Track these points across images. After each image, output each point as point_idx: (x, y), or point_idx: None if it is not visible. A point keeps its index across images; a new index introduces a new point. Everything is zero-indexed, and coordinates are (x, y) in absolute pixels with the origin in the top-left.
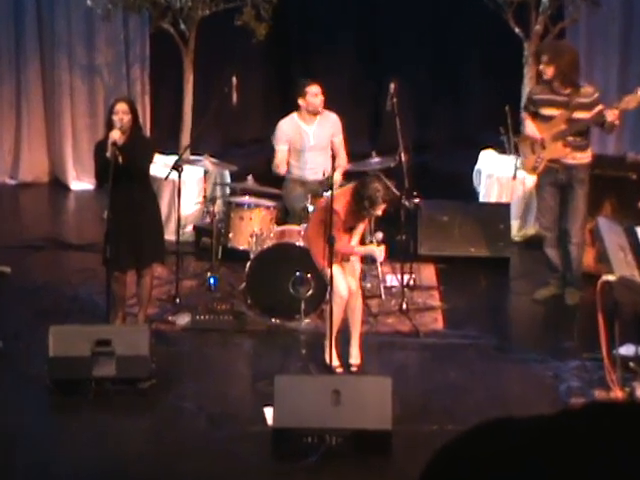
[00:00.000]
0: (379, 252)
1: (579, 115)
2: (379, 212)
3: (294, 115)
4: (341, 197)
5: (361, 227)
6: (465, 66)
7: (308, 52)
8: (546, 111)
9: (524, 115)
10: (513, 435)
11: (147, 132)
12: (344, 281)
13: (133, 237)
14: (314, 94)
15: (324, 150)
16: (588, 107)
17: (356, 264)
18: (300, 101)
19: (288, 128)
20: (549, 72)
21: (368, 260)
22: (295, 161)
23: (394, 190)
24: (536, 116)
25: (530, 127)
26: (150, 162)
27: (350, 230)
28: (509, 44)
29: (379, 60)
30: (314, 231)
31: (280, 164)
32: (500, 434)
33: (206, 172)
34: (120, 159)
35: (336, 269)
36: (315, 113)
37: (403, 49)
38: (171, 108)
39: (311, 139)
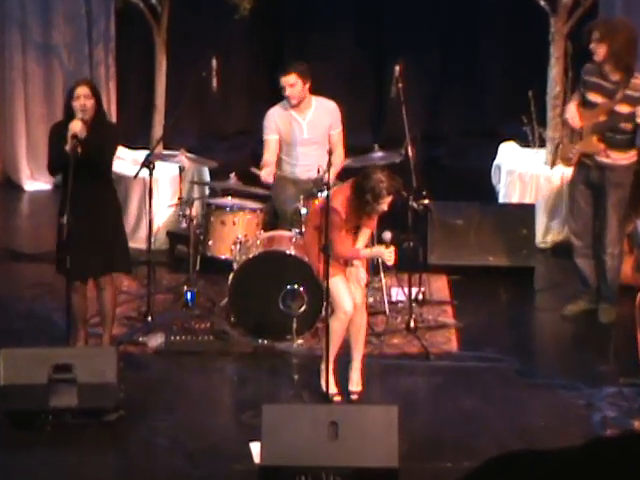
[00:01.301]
0: (388, 254)
1: (622, 109)
2: (384, 206)
3: (286, 103)
4: (340, 194)
5: (367, 228)
6: (481, 46)
7: (301, 30)
8: (591, 96)
9: (573, 95)
10: (532, 471)
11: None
12: (348, 294)
13: (92, 243)
14: (283, 87)
15: (319, 144)
16: (635, 102)
17: (362, 272)
18: (284, 91)
19: (278, 117)
20: (600, 52)
21: (376, 265)
22: (286, 156)
23: (399, 181)
24: (583, 100)
25: (571, 111)
26: (113, 154)
27: (354, 231)
28: (533, 20)
29: (383, 40)
30: (311, 238)
31: (269, 160)
32: (517, 470)
33: (182, 169)
34: (79, 150)
35: (339, 280)
36: (298, 104)
37: (410, 27)
38: (141, 95)
39: (304, 131)
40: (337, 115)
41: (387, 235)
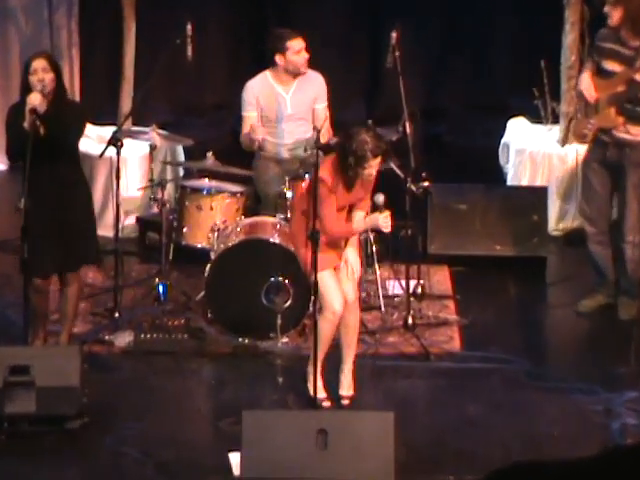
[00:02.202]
0: (383, 220)
1: None
2: (371, 171)
3: (267, 74)
4: (326, 161)
5: (360, 210)
6: (488, 10)
7: None
8: (608, 65)
9: (586, 64)
10: None
11: (75, 96)
12: (338, 290)
13: (57, 232)
14: (297, 50)
15: (305, 120)
16: None
17: (355, 263)
18: (278, 58)
19: (259, 90)
20: (615, 16)
21: (369, 255)
22: (268, 134)
23: (386, 142)
24: (598, 69)
25: (585, 82)
26: (80, 134)
27: (346, 207)
28: None
29: (377, 3)
30: (297, 224)
31: (251, 133)
32: None
33: (153, 148)
34: (41, 130)
35: (328, 275)
36: (296, 74)
37: None
38: (107, 65)
39: (288, 106)
40: (322, 88)
41: (380, 198)
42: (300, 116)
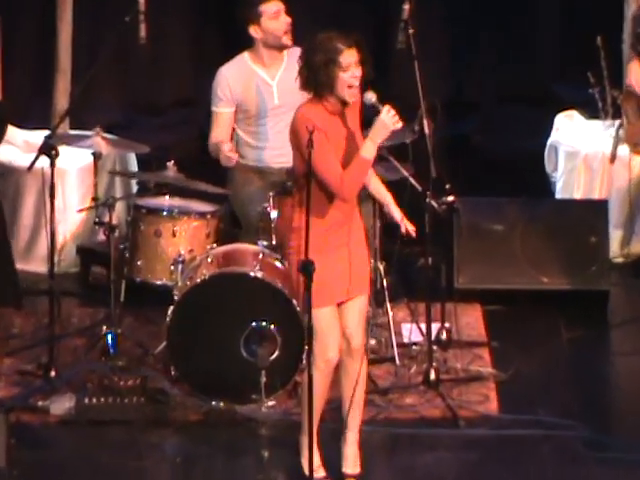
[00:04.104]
0: (387, 117)
1: None
2: (353, 71)
3: (245, 56)
4: (303, 106)
5: (358, 136)
6: None
7: None
8: None
9: (630, 56)
10: None
11: None
12: (336, 331)
13: None
14: (273, 14)
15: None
16: None
17: (363, 299)
18: (253, 30)
19: (236, 77)
20: None
21: (379, 290)
22: (247, 135)
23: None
24: None
25: (636, 73)
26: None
27: (346, 152)
28: None
29: None
30: (290, 249)
31: (220, 138)
32: None
33: (97, 157)
34: None
35: (326, 311)
36: (280, 48)
37: None
38: (36, 53)
39: (275, 95)
40: None
41: (370, 96)
42: (289, 108)
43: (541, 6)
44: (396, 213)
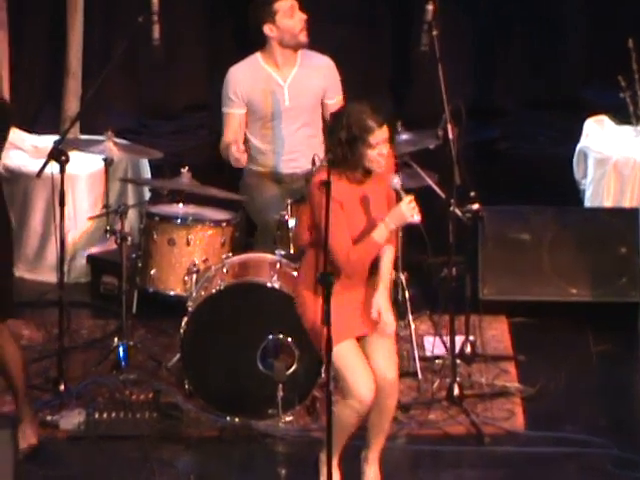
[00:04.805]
0: (407, 207)
1: None
2: (380, 149)
3: (257, 56)
4: (323, 169)
5: (380, 204)
6: None
7: None
8: None
9: None
10: None
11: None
12: (365, 370)
13: None
14: (288, 10)
15: (308, 119)
16: None
17: (389, 324)
18: (267, 29)
19: (247, 79)
20: None
21: (400, 303)
22: (260, 140)
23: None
24: None
25: None
26: (3, 141)
27: (363, 224)
28: None
29: None
30: (306, 270)
31: (230, 140)
32: None
33: (109, 162)
34: None
35: (348, 347)
36: (297, 46)
37: None
38: (46, 55)
39: (286, 97)
40: (334, 76)
41: (395, 180)
42: (300, 111)
43: (569, 8)
44: (375, 305)
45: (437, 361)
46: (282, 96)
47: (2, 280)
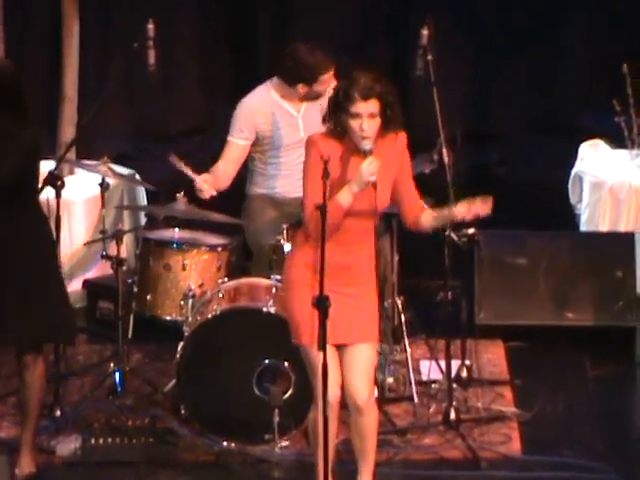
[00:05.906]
0: (366, 167)
1: None
2: (359, 121)
3: (269, 89)
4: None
5: (389, 166)
6: None
7: None
8: None
9: None
10: None
11: None
12: (333, 374)
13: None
14: (327, 81)
15: None
16: None
17: (369, 348)
18: (300, 87)
19: (259, 109)
20: None
21: (396, 327)
22: (262, 165)
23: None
24: None
25: None
26: (29, 168)
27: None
28: None
29: None
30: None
31: (221, 169)
32: None
33: (105, 187)
34: None
35: (327, 352)
36: (316, 99)
37: None
38: (41, 79)
39: (300, 128)
40: None
41: (367, 144)
42: None
43: (564, 33)
44: (457, 211)
45: (433, 385)
46: (296, 127)
47: (62, 297)
